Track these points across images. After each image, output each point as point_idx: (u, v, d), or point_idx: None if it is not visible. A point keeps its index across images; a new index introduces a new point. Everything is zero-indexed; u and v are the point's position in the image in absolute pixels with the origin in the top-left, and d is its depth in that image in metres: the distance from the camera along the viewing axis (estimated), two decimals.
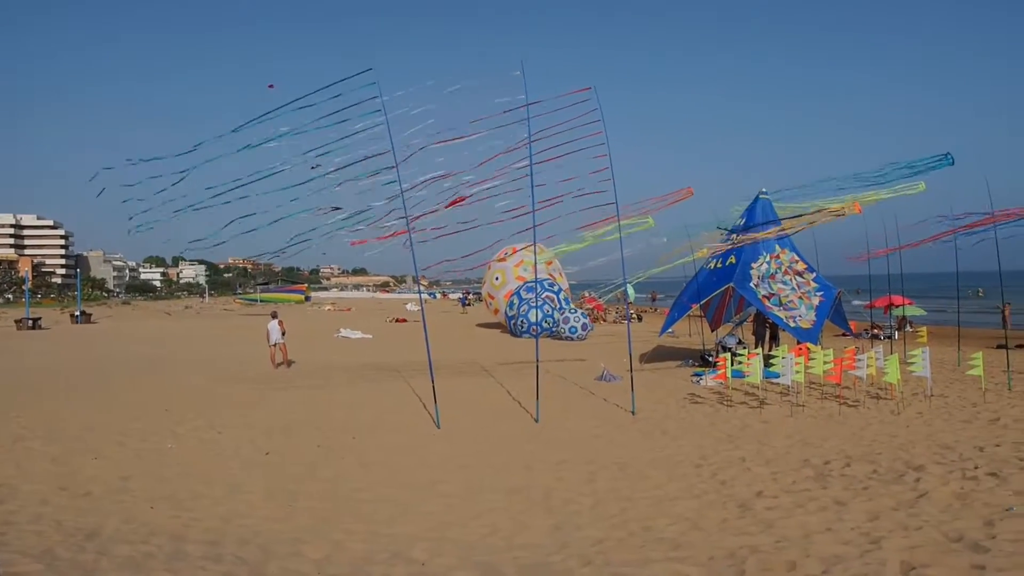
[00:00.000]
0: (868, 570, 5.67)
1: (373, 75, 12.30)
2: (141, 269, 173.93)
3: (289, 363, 20.74)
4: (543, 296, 30.95)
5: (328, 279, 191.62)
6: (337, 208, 13.55)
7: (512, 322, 31.93)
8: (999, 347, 22.46)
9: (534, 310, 29.88)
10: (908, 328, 29.70)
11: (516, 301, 31.65)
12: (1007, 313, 26.64)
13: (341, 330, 34.41)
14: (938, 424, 12.00)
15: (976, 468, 8.87)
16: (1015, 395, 14.70)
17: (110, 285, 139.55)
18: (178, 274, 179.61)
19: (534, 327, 29.47)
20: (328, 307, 68.42)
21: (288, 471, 9.46)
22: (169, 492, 8.40)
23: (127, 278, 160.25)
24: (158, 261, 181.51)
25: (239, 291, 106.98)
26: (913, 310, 33.01)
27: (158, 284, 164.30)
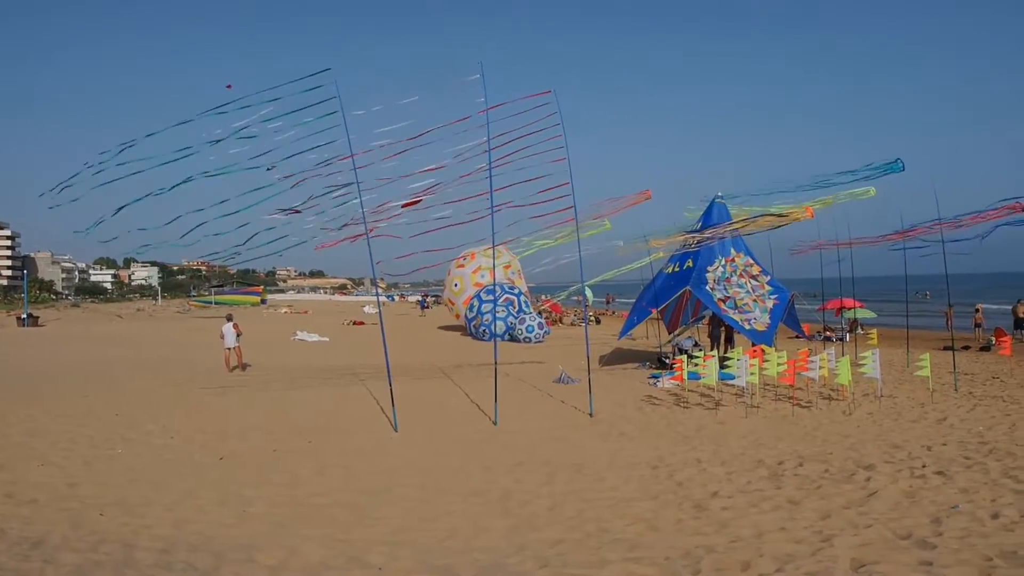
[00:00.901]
0: (820, 568, 5.77)
1: (331, 75, 12.16)
2: (91, 271, 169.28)
3: (244, 366, 20.38)
4: (503, 299, 30.97)
5: (285, 281, 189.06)
6: (296, 211, 13.37)
7: (471, 323, 31.97)
8: (946, 349, 23.17)
9: (499, 322, 29.84)
10: (859, 330, 30.43)
11: (476, 304, 31.64)
12: (950, 315, 27.56)
13: (297, 333, 33.93)
14: (888, 424, 12.31)
15: (924, 467, 9.12)
16: (961, 395, 15.16)
17: (59, 287, 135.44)
18: (130, 276, 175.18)
19: (496, 338, 29.52)
20: (284, 309, 67.41)
21: (242, 476, 9.27)
22: (119, 498, 8.17)
23: (76, 280, 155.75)
24: (109, 263, 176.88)
25: (193, 293, 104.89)
26: (864, 313, 33.86)
27: (109, 287, 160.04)
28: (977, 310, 30.68)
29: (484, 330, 30.59)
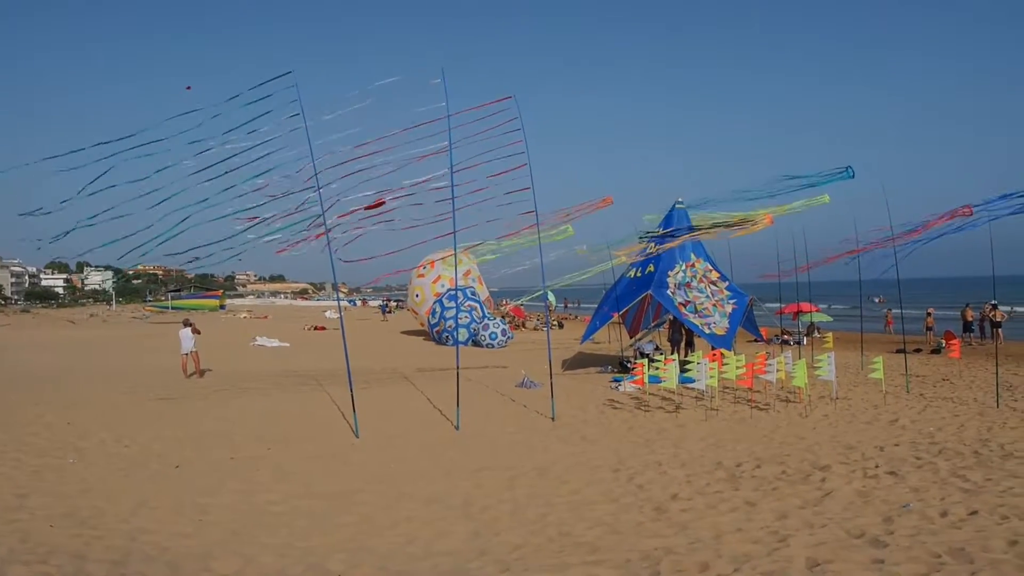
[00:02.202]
0: (776, 567, 5.86)
1: (292, 78, 12.03)
2: (42, 276, 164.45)
3: (202, 372, 20.01)
4: (465, 305, 30.89)
5: (244, 286, 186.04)
6: (255, 217, 13.20)
7: (434, 329, 31.87)
8: (898, 351, 23.73)
9: (462, 329, 29.73)
10: (816, 334, 31.04)
11: (438, 309, 31.51)
12: (889, 319, 28.48)
13: (257, 338, 33.43)
14: (842, 426, 12.57)
15: (877, 467, 9.34)
16: (913, 397, 15.56)
17: (7, 292, 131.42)
18: (83, 281, 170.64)
19: (460, 345, 29.48)
20: (244, 315, 66.32)
21: (198, 484, 9.10)
22: (70, 509, 7.95)
23: (27, 285, 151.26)
24: (61, 267, 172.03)
25: (149, 299, 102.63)
26: (820, 316, 34.59)
27: (61, 291, 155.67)
28: (928, 314, 31.52)
29: (447, 336, 30.53)
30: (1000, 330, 28.57)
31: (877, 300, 55.00)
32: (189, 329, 19.87)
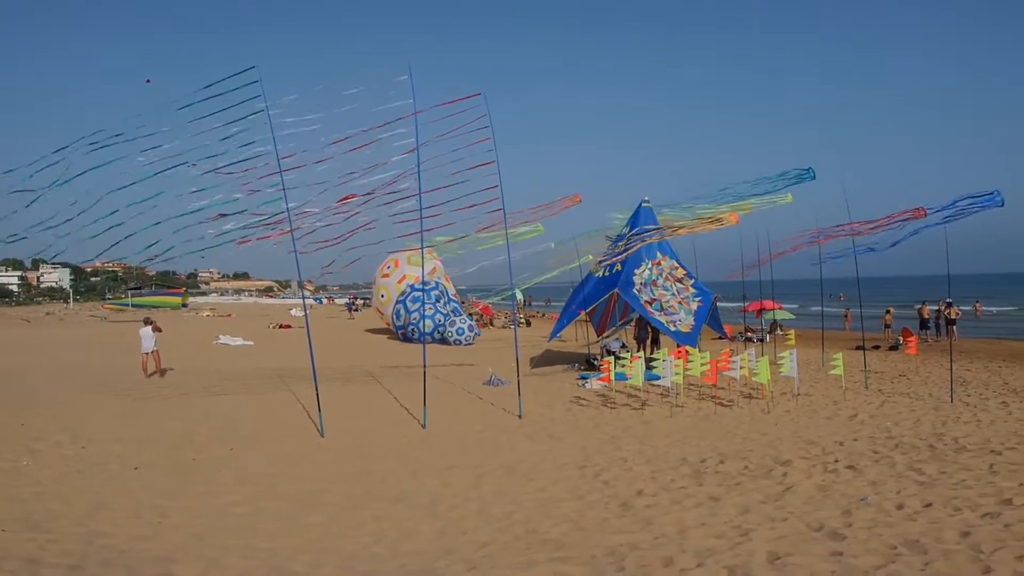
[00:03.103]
0: (738, 561, 5.96)
1: (256, 73, 11.87)
2: None
3: (163, 372, 19.65)
4: (432, 295, 30.70)
5: (207, 284, 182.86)
6: (223, 215, 13.01)
7: (399, 329, 31.56)
8: (858, 348, 24.23)
9: (428, 320, 29.62)
10: (779, 331, 31.53)
11: (403, 311, 31.17)
12: (848, 317, 29.30)
13: (220, 337, 32.92)
14: (803, 421, 12.80)
15: (836, 461, 9.53)
16: (871, 393, 15.91)
17: None
18: (39, 278, 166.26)
19: (427, 337, 29.29)
20: (207, 313, 65.28)
21: (159, 486, 8.95)
22: (23, 513, 7.75)
23: None
24: (15, 264, 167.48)
25: (108, 296, 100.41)
26: (783, 314, 35.14)
27: (15, 289, 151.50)
28: (887, 312, 32.21)
29: (413, 329, 30.29)
30: (955, 327, 29.33)
31: (840, 298, 56.13)
32: (150, 328, 19.50)
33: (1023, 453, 9.72)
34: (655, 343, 21.03)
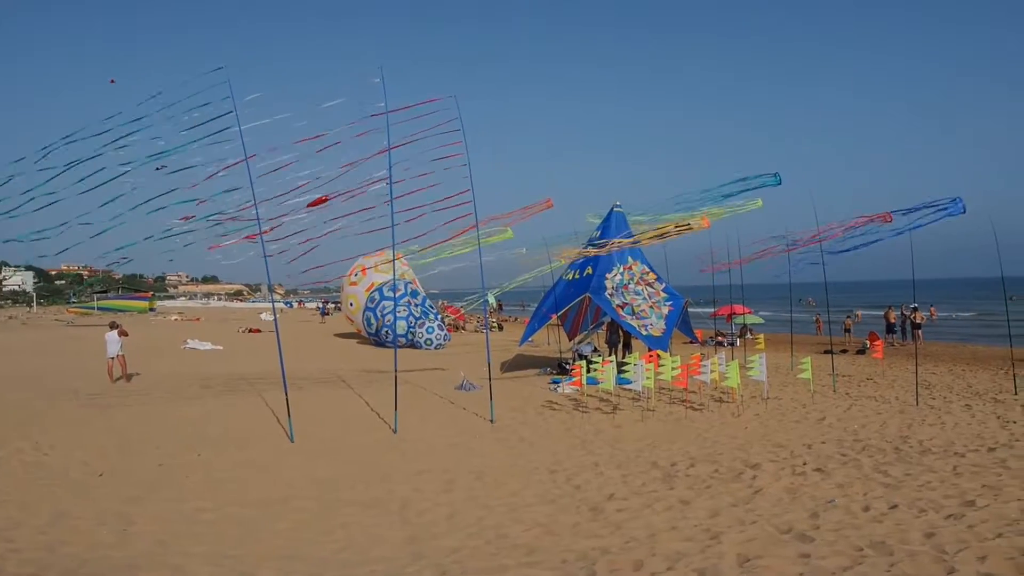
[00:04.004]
0: (708, 564, 5.99)
1: (224, 74, 11.73)
2: None
3: (129, 377, 19.30)
4: (403, 302, 30.50)
5: (176, 287, 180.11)
6: (190, 217, 12.83)
7: (374, 337, 31.18)
8: (826, 352, 24.58)
9: (401, 321, 29.41)
10: (749, 335, 31.88)
11: (372, 318, 30.85)
12: (819, 323, 29.79)
13: (189, 341, 32.44)
14: (773, 424, 12.93)
15: (804, 464, 9.64)
16: (839, 396, 16.12)
17: None
18: (1, 281, 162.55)
19: (400, 339, 29.07)
20: (175, 317, 64.29)
21: (124, 493, 8.77)
22: None
23: None
24: None
25: (73, 300, 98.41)
26: (753, 319, 35.56)
27: None
28: (848, 317, 32.71)
29: (387, 331, 30.02)
30: (920, 331, 29.90)
31: (809, 301, 56.88)
32: (116, 332, 19.17)
33: (985, 455, 9.92)
34: (627, 347, 21.13)
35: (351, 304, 33.48)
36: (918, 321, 29.85)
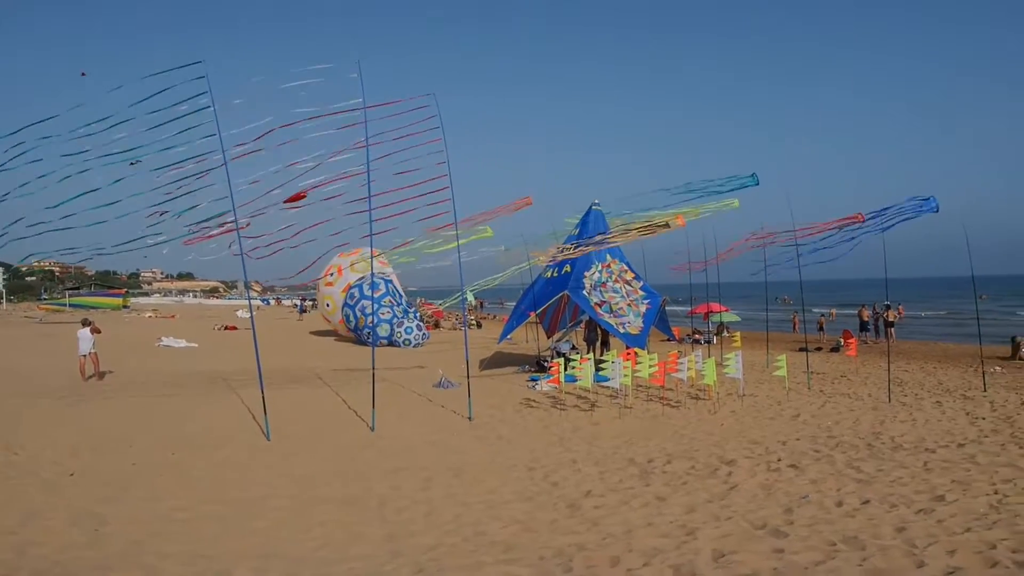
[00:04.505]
0: (684, 560, 6.05)
1: (202, 68, 11.58)
2: None
3: (101, 374, 19.05)
4: (385, 301, 30.30)
5: (150, 284, 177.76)
6: (164, 212, 12.66)
7: (357, 333, 30.93)
8: (801, 350, 24.87)
9: (384, 324, 29.24)
10: (725, 333, 32.16)
11: (352, 316, 30.55)
12: (796, 321, 30.24)
13: (163, 338, 32.06)
14: (748, 421, 13.06)
15: (779, 460, 9.76)
16: (813, 393, 16.32)
17: None
18: None
19: (382, 340, 28.93)
20: (149, 314, 63.48)
21: (96, 493, 8.66)
22: None
23: None
24: None
25: (44, 296, 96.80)
26: (729, 316, 35.87)
27: None
28: (830, 314, 33.16)
29: (369, 333, 29.75)
30: (893, 329, 30.35)
31: (784, 299, 57.50)
32: (88, 329, 18.90)
33: (955, 451, 10.10)
34: (604, 345, 21.22)
35: (327, 305, 33.22)
36: (891, 319, 30.29)
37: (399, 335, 29.74)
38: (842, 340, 27.47)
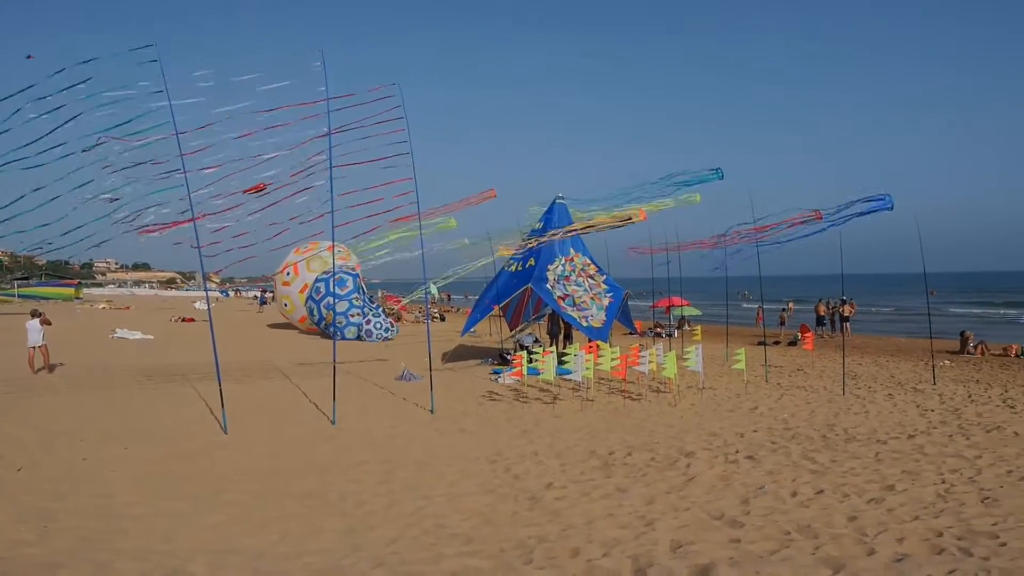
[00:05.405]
0: (642, 551, 6.11)
1: (154, 52, 11.30)
2: None
3: (51, 367, 18.54)
4: (351, 298, 29.82)
5: (104, 274, 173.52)
6: (115, 199, 12.38)
7: (325, 329, 30.32)
8: (759, 344, 25.31)
9: (352, 327, 28.81)
10: (686, 327, 32.56)
11: (316, 310, 29.92)
12: (760, 314, 30.84)
13: (117, 330, 31.32)
14: (707, 414, 13.25)
15: (737, 452, 9.92)
16: (771, 386, 16.62)
17: None
18: None
19: (350, 327, 28.57)
20: (103, 305, 61.95)
21: (45, 489, 8.43)
22: None
23: None
24: None
25: None
26: (690, 310, 36.29)
27: None
28: (783, 309, 33.75)
29: (336, 332, 29.12)
30: (848, 324, 31.03)
31: (744, 295, 58.38)
32: (38, 320, 18.38)
33: (905, 442, 10.38)
34: (567, 338, 21.30)
35: (285, 305, 32.55)
36: (846, 314, 30.96)
37: (368, 332, 29.14)
38: (799, 334, 27.99)
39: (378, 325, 29.41)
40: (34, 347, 18.22)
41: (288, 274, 31.14)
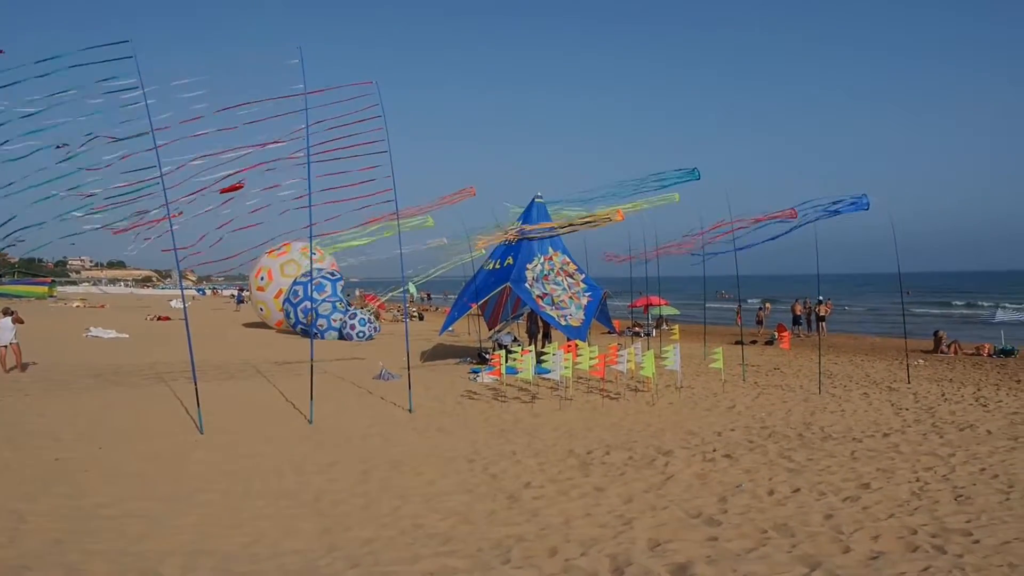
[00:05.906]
0: (620, 549, 6.11)
1: (130, 48, 11.13)
2: None
3: (24, 366, 18.23)
4: (338, 304, 29.51)
5: (78, 272, 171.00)
6: (90, 195, 12.19)
7: (301, 326, 30.03)
8: (737, 343, 25.49)
9: (332, 332, 28.54)
10: (665, 326, 32.71)
11: (292, 313, 29.62)
12: (739, 313, 31.11)
13: (92, 329, 30.86)
14: (685, 413, 13.31)
15: (714, 451, 9.97)
16: (748, 385, 16.73)
17: None
18: None
19: (331, 332, 28.36)
20: (77, 303, 61.06)
21: (16, 489, 8.27)
22: None
23: None
24: None
25: None
26: (669, 310, 36.49)
27: None
28: (760, 309, 34.06)
29: (317, 333, 28.78)
30: (824, 323, 31.34)
31: (722, 294, 58.80)
32: (9, 319, 18.06)
33: (880, 440, 10.49)
34: (546, 337, 21.32)
35: (261, 310, 32.20)
36: (823, 314, 31.27)
37: (352, 327, 28.83)
38: (776, 333, 28.24)
39: (362, 321, 29.11)
40: (6, 346, 17.90)
41: (262, 278, 30.82)
